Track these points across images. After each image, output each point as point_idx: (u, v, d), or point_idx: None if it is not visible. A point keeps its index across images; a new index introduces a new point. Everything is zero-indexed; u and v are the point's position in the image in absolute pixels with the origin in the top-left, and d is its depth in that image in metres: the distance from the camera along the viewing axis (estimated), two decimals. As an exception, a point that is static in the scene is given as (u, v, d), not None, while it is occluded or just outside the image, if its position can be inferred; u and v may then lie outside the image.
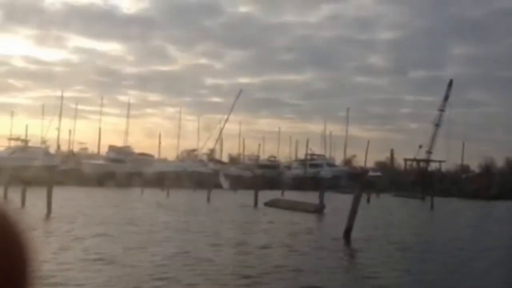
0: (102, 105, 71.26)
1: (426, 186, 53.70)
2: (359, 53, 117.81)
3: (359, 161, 78.38)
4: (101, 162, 59.12)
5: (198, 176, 55.28)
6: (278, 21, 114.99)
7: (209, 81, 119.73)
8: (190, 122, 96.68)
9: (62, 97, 66.31)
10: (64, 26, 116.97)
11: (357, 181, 56.50)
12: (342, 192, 54.06)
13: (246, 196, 41.98)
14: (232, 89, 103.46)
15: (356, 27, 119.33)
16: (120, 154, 61.70)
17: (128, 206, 30.76)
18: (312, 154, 73.22)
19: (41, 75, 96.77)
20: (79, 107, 70.46)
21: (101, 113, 71.54)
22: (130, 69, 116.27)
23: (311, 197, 41.05)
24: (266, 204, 32.81)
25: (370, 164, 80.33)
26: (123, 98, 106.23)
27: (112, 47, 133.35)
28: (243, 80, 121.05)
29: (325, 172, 65.64)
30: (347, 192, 53.02)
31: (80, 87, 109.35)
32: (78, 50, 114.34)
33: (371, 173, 67.87)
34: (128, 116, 69.80)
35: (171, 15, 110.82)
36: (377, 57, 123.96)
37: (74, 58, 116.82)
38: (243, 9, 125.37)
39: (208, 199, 37.47)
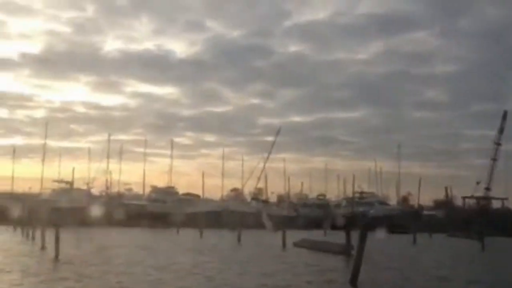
0: (156, 147, 71.65)
1: (484, 225, 49.50)
2: (416, 88, 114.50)
3: (416, 199, 74.33)
4: (142, 202, 58.76)
5: (239, 216, 53.62)
6: (329, 59, 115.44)
7: (262, 120, 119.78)
8: (243, 162, 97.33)
9: (108, 140, 67.47)
10: (121, 72, 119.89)
11: (410, 221, 53.23)
12: (394, 232, 51.10)
13: (286, 237, 40.23)
14: (285, 128, 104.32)
15: (411, 62, 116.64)
16: (162, 195, 61.27)
17: (151, 246, 29.36)
18: (361, 192, 70.15)
19: (101, 119, 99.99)
20: (136, 149, 71.70)
21: (144, 154, 71.30)
22: (186, 111, 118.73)
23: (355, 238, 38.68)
24: (295, 244, 30.59)
25: (427, 202, 76.38)
26: (178, 139, 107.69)
27: (167, 90, 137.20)
28: (296, 118, 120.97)
29: (376, 211, 62.33)
30: (400, 232, 50.41)
31: (138, 130, 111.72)
32: (135, 94, 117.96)
33: (425, 212, 63.93)
34: (171, 157, 69.69)
35: (223, 57, 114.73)
36: (434, 91, 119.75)
37: (132, 102, 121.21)
38: (293, 48, 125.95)
39: (239, 240, 35.66)
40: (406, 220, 55.50)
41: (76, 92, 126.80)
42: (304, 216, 58.99)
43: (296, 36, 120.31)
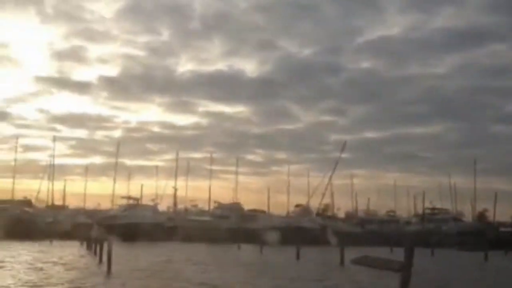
0: (227, 164, 72.29)
1: None
2: (494, 101, 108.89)
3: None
4: (206, 218, 59.17)
5: (303, 232, 52.78)
6: (403, 74, 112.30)
7: (333, 137, 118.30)
8: (309, 178, 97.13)
9: (176, 159, 68.76)
10: (193, 92, 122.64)
11: (485, 238, 50.39)
12: (466, 249, 48.60)
13: (351, 253, 39.17)
14: (357, 145, 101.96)
15: (489, 75, 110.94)
16: (226, 211, 61.54)
17: (206, 261, 29.28)
18: (433, 208, 67.20)
19: (174, 138, 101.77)
20: (208, 167, 73.08)
21: (210, 171, 72.13)
22: (256, 129, 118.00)
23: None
24: (353, 261, 29.39)
25: (506, 218, 71.85)
26: (249, 157, 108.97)
27: (238, 109, 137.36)
28: (369, 134, 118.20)
29: (448, 228, 59.45)
30: (472, 249, 47.79)
31: (210, 149, 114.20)
32: (207, 114, 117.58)
33: (502, 229, 60.15)
34: (236, 173, 70.08)
35: (293, 75, 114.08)
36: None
37: (203, 121, 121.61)
38: (365, 64, 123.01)
39: (298, 256, 34.96)
40: (480, 237, 52.52)
41: (151, 112, 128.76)
42: (371, 233, 57.10)
43: (368, 52, 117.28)
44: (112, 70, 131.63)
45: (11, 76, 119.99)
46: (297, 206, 66.48)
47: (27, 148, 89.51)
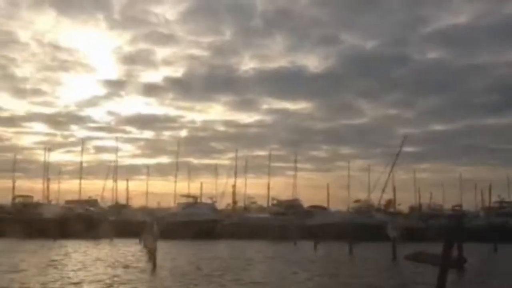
0: (292, 161, 71.42)
1: None
2: None
3: None
4: (264, 215, 59.23)
5: (361, 227, 51.82)
6: (472, 63, 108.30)
7: (400, 130, 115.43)
8: (369, 173, 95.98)
9: (236, 156, 69.21)
10: (257, 90, 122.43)
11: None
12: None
13: (409, 249, 38.35)
14: (426, 138, 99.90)
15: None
16: (284, 208, 61.37)
17: (252, 258, 29.28)
18: (501, 202, 64.09)
19: (238, 137, 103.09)
20: (273, 164, 73.37)
21: (269, 167, 71.95)
22: (320, 125, 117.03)
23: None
24: (406, 257, 28.60)
25: None
26: (314, 153, 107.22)
27: (301, 105, 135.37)
28: (438, 127, 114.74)
29: (516, 222, 56.47)
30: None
31: (274, 146, 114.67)
32: (271, 111, 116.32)
33: None
34: (295, 169, 69.69)
35: (357, 69, 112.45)
36: None
37: (267, 119, 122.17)
38: (432, 55, 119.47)
39: (350, 252, 34.39)
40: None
41: (215, 111, 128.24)
42: (434, 228, 55.05)
43: (435, 42, 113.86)
44: (177, 71, 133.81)
45: (82, 80, 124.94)
46: (356, 201, 65.33)
47: (99, 149, 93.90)
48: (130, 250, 33.96)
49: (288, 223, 54.19)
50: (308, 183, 69.06)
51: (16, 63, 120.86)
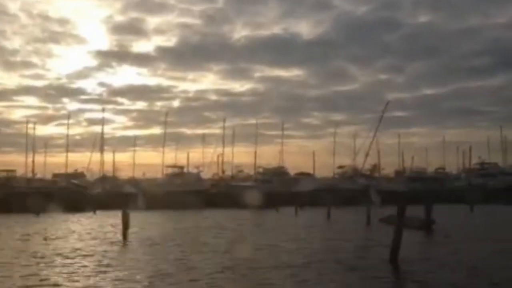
0: (285, 129, 72.01)
1: None
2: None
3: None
4: (248, 184, 59.63)
5: (342, 193, 52.62)
6: (463, 26, 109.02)
7: (391, 96, 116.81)
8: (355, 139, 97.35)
9: (223, 126, 69.45)
10: (250, 58, 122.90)
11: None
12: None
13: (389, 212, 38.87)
14: (416, 102, 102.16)
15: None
16: (270, 175, 61.86)
17: (229, 227, 29.68)
18: (482, 163, 64.90)
19: (231, 106, 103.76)
20: (265, 132, 73.66)
21: (256, 135, 72.06)
22: (313, 92, 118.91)
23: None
24: (381, 220, 29.13)
25: None
26: (306, 120, 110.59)
27: (294, 73, 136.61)
28: (428, 91, 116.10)
29: (496, 182, 57.34)
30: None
31: (267, 114, 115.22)
32: (264, 79, 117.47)
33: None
34: (282, 137, 70.18)
35: (349, 35, 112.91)
36: None
37: (260, 87, 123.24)
38: (423, 19, 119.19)
39: (328, 217, 34.97)
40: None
41: (208, 80, 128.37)
42: (416, 191, 55.76)
43: (426, 6, 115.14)
44: (169, 41, 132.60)
45: (73, 52, 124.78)
46: (340, 167, 65.91)
47: (91, 122, 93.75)
48: (110, 222, 34.15)
49: (272, 191, 54.70)
50: (300, 150, 69.33)
51: (6, 36, 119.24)
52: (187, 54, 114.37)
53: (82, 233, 25.91)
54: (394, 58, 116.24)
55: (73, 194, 51.64)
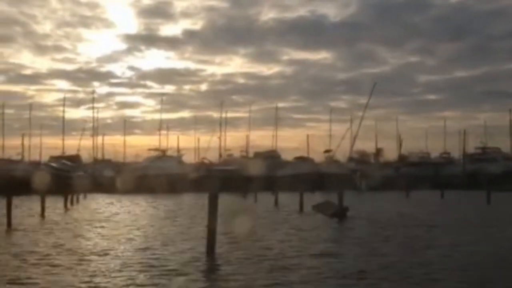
0: (313, 112, 72.97)
1: None
2: None
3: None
4: (232, 168, 58.26)
5: (329, 178, 50.80)
6: (495, 7, 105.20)
7: (422, 78, 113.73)
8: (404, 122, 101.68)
9: (221, 110, 68.06)
10: (277, 41, 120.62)
11: None
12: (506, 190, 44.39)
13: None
14: (448, 84, 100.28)
15: None
16: (262, 159, 60.55)
17: (189, 213, 28.14)
18: (483, 148, 61.71)
19: (259, 89, 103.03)
20: (294, 115, 72.83)
21: (249, 119, 70.82)
22: (341, 75, 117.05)
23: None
24: (313, 207, 27.19)
25: None
26: (334, 103, 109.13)
27: (322, 55, 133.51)
28: (460, 73, 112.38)
29: (495, 167, 54.31)
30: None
31: (295, 97, 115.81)
32: (291, 62, 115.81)
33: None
34: (276, 122, 68.52)
35: (378, 17, 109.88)
36: None
37: (288, 70, 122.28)
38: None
39: (276, 203, 33.18)
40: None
41: (235, 64, 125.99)
42: (405, 176, 53.46)
43: None
44: (196, 24, 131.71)
45: (102, 35, 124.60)
46: (326, 151, 63.87)
47: (122, 105, 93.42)
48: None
49: (257, 175, 53.12)
50: (327, 134, 67.45)
51: (37, 20, 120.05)
52: (214, 37, 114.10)
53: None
54: (424, 40, 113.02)
55: (55, 178, 51.16)
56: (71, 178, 52.64)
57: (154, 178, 50.98)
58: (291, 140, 73.21)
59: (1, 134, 65.20)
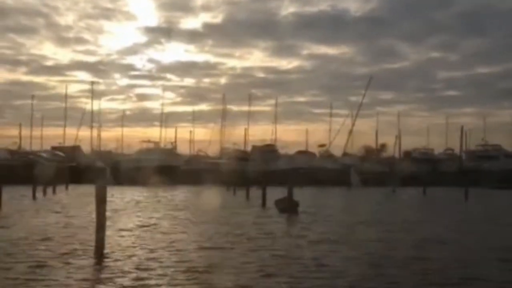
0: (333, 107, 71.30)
1: None
2: None
3: None
4: (221, 161, 57.62)
5: (323, 173, 50.16)
6: None
7: (443, 74, 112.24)
8: (419, 119, 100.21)
9: (223, 103, 67.79)
10: (297, 35, 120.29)
11: None
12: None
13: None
14: (469, 81, 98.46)
15: None
16: (259, 153, 60.22)
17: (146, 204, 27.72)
18: (484, 145, 60.22)
19: (278, 83, 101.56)
20: (313, 110, 72.58)
21: (248, 113, 70.27)
22: (361, 70, 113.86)
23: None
24: (275, 202, 26.36)
25: None
26: (354, 99, 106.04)
27: (342, 50, 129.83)
28: (482, 70, 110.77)
29: (492, 165, 52.97)
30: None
31: (314, 92, 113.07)
32: (311, 56, 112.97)
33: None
34: (275, 115, 67.75)
35: (399, 12, 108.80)
36: None
37: (307, 64, 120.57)
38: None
39: (247, 198, 32.45)
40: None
41: (255, 58, 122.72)
42: (399, 172, 52.35)
43: None
44: (216, 17, 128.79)
45: (123, 28, 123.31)
46: (320, 146, 63.00)
47: (142, 97, 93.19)
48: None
49: (246, 169, 52.43)
50: (347, 129, 66.69)
51: (59, 12, 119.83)
52: (234, 31, 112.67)
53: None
54: (446, 36, 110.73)
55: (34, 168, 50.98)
56: (50, 168, 52.42)
57: (145, 170, 50.56)
58: (311, 135, 74.38)
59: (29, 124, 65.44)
